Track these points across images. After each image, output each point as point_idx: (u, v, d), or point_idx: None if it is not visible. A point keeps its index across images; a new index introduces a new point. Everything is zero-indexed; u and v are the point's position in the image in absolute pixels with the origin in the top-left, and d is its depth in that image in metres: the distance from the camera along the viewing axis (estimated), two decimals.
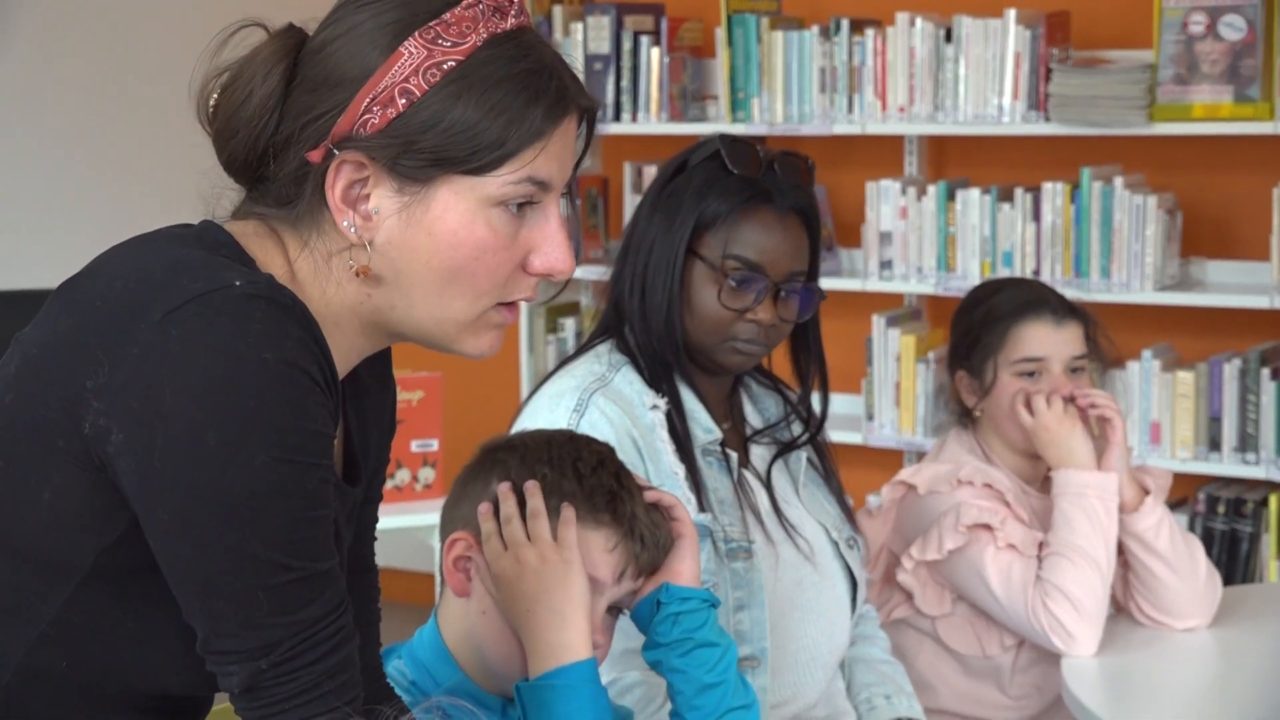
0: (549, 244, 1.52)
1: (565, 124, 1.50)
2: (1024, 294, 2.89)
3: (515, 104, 1.46)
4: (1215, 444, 4.38)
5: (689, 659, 1.86)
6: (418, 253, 1.48)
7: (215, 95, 1.51)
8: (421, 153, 1.45)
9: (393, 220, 1.48)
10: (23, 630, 1.47)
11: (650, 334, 2.36)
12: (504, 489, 1.82)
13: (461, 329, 1.53)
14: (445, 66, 1.45)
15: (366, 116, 1.45)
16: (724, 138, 2.40)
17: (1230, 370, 4.35)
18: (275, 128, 1.49)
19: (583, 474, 1.83)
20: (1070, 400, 2.81)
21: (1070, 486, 2.75)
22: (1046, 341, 2.84)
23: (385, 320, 1.53)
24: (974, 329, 2.89)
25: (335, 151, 1.46)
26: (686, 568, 1.88)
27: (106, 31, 5.00)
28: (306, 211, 1.50)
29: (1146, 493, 2.80)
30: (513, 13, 1.49)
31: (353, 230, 1.48)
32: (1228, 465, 4.36)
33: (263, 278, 1.43)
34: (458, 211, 1.47)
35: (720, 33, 4.84)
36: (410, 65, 1.45)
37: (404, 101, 1.45)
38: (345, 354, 1.55)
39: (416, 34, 1.46)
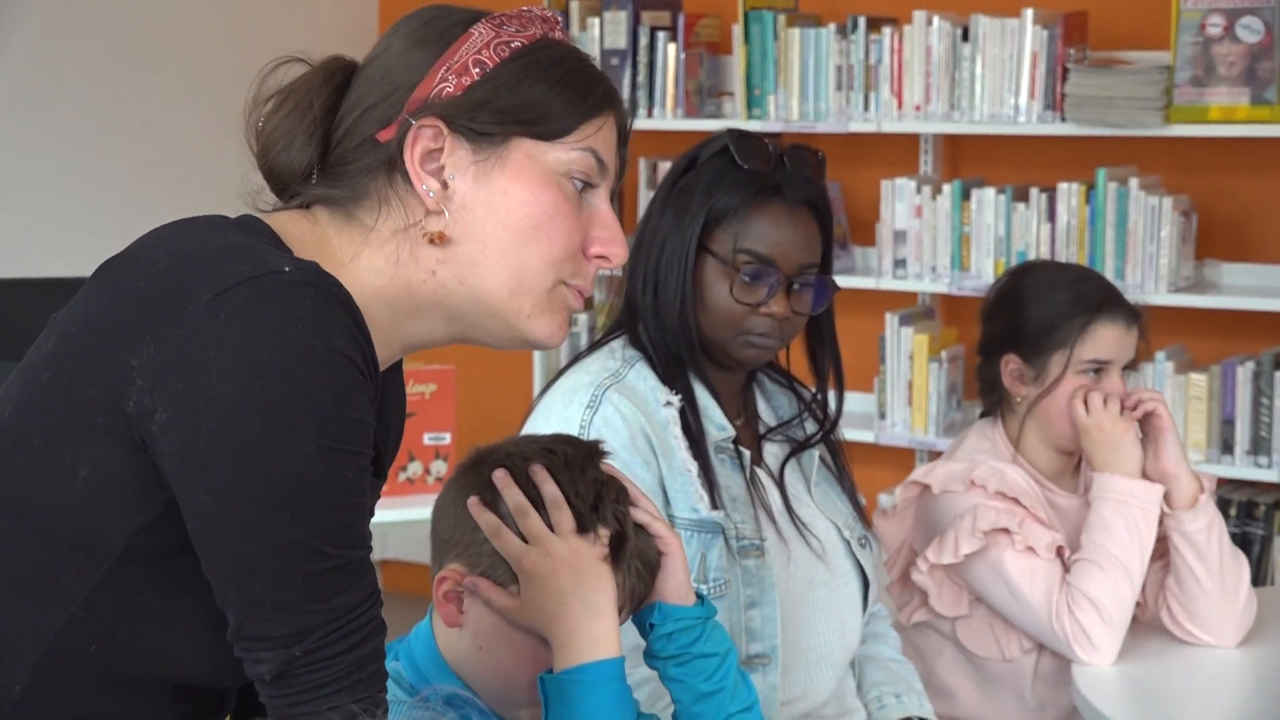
0: (605, 229, 1.60)
1: (613, 117, 1.59)
2: (1096, 290, 2.82)
3: (576, 82, 1.56)
4: (1228, 446, 4.37)
5: (686, 669, 1.86)
6: (495, 212, 1.54)
7: (264, 116, 1.57)
8: (498, 112, 1.53)
9: (468, 184, 1.54)
10: (53, 611, 1.47)
11: (664, 330, 2.36)
12: (501, 477, 1.78)
13: (537, 302, 1.56)
14: (513, 45, 1.55)
15: (442, 85, 1.53)
16: (732, 132, 2.40)
17: (1244, 373, 4.34)
18: (330, 131, 1.56)
19: (581, 512, 1.77)
20: (1124, 406, 2.75)
21: (1113, 492, 2.70)
22: (1118, 344, 2.78)
23: (449, 299, 1.55)
24: (1038, 318, 2.79)
25: (411, 121, 1.52)
26: (674, 585, 1.85)
27: (124, 21, 5.01)
28: (373, 192, 1.55)
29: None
30: (559, 28, 1.60)
31: (430, 194, 1.53)
32: (1240, 468, 4.35)
33: (310, 265, 1.45)
34: (531, 172, 1.54)
35: (737, 29, 4.84)
36: (481, 41, 1.55)
37: (478, 70, 1.54)
38: (389, 340, 1.56)
39: (484, 20, 1.56)
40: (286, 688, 1.44)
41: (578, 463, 1.81)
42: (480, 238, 1.54)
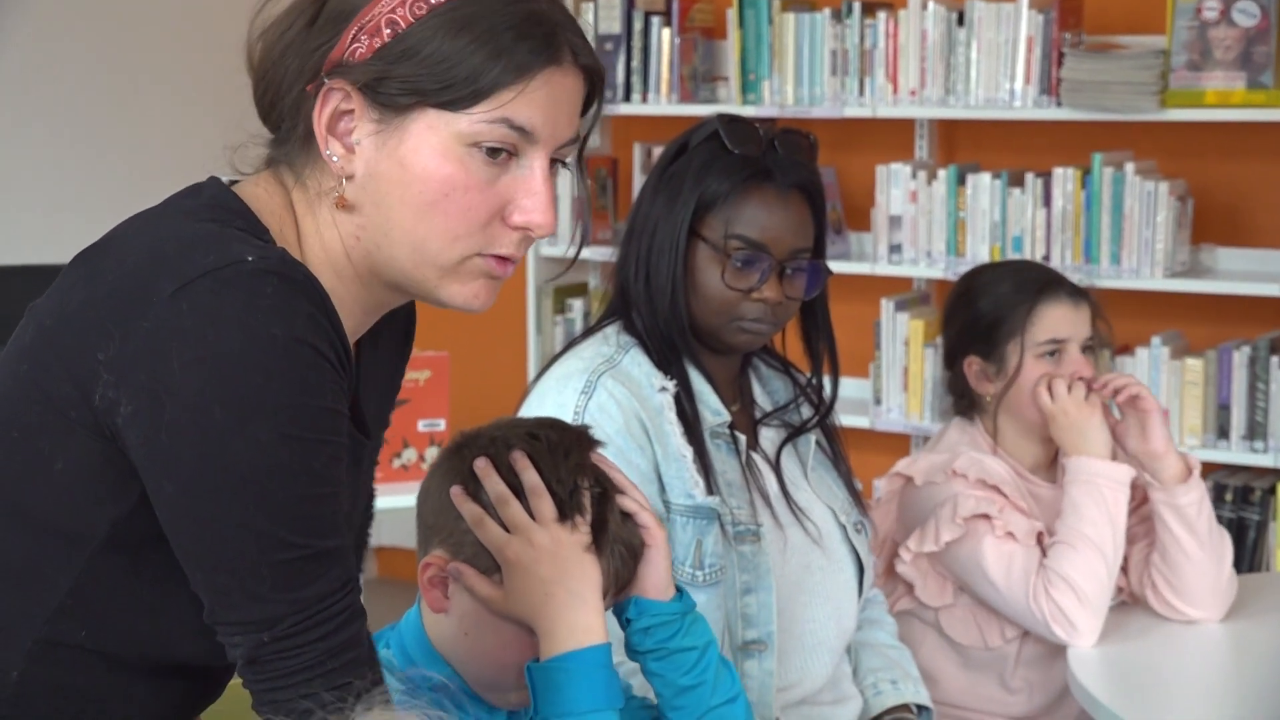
0: (529, 198, 1.51)
1: (551, 73, 1.50)
2: (1036, 275, 2.86)
3: (497, 43, 1.47)
4: (1224, 432, 4.37)
5: (664, 664, 1.84)
6: (391, 184, 1.49)
7: (258, 53, 1.54)
8: (398, 81, 1.47)
9: (371, 151, 1.49)
10: (42, 601, 1.48)
11: (656, 317, 2.35)
12: (483, 466, 1.76)
13: (442, 273, 1.52)
14: (431, 1, 1.47)
15: (354, 46, 1.48)
16: (722, 117, 2.39)
17: (1239, 358, 4.34)
18: (290, 69, 1.52)
19: (563, 499, 1.75)
20: (1090, 388, 2.78)
21: (1082, 474, 2.72)
22: (1067, 321, 2.81)
23: (376, 265, 1.53)
24: (988, 313, 2.84)
25: (325, 80, 1.48)
26: (654, 579, 1.83)
27: (109, 9, 5.00)
28: (301, 147, 1.52)
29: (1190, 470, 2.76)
30: None
31: (334, 159, 1.49)
32: (1236, 453, 4.35)
33: (275, 252, 1.44)
34: (429, 145, 1.48)
35: (732, 14, 4.83)
36: None
37: (389, 32, 1.47)
38: (352, 310, 1.54)
39: None
40: (259, 672, 1.44)
41: (561, 448, 1.78)
42: (384, 208, 1.50)
